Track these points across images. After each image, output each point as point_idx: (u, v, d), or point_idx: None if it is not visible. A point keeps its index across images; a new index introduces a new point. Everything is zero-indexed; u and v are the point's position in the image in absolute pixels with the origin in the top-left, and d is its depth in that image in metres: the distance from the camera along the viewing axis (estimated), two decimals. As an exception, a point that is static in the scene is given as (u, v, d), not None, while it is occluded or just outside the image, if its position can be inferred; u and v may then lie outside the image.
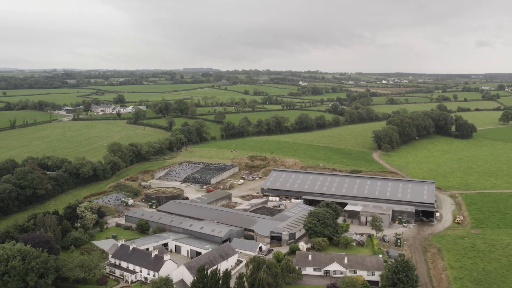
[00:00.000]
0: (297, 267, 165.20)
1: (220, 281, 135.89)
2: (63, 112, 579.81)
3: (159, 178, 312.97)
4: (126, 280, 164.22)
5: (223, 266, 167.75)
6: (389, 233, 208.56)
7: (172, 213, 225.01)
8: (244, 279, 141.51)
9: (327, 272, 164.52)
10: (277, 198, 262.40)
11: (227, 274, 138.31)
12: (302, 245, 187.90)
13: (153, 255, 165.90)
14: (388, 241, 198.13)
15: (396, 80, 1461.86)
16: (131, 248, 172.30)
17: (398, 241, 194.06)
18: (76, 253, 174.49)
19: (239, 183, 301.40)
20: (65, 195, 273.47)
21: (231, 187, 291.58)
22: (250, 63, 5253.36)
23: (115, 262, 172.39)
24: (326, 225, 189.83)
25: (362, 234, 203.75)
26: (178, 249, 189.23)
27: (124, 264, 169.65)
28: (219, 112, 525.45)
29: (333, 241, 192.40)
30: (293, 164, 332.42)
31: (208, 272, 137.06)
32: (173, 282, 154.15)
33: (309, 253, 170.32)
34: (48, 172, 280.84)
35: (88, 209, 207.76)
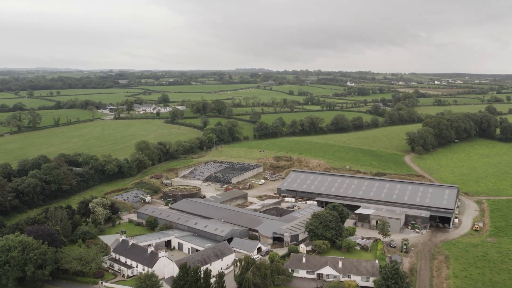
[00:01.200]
0: (289, 269, 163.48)
1: (201, 279, 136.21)
2: (106, 111, 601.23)
3: (183, 177, 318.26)
4: (123, 274, 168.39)
5: (217, 265, 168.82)
6: (398, 238, 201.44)
7: (183, 211, 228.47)
8: (224, 279, 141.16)
9: (320, 275, 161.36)
10: (293, 199, 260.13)
11: (208, 273, 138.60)
12: (302, 247, 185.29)
13: (149, 251, 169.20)
14: (395, 247, 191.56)
15: (450, 81, 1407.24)
16: (130, 243, 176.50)
17: (405, 247, 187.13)
18: (82, 247, 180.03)
19: (260, 183, 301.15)
20: (90, 190, 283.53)
21: (251, 187, 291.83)
22: (302, 63, 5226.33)
23: (115, 257, 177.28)
24: (328, 227, 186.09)
25: (369, 238, 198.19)
26: (180, 247, 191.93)
27: (123, 259, 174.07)
28: (255, 112, 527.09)
29: (335, 245, 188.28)
30: (317, 165, 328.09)
31: (190, 269, 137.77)
32: (165, 278, 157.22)
33: (303, 255, 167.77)
34: (75, 169, 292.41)
35: (99, 205, 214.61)
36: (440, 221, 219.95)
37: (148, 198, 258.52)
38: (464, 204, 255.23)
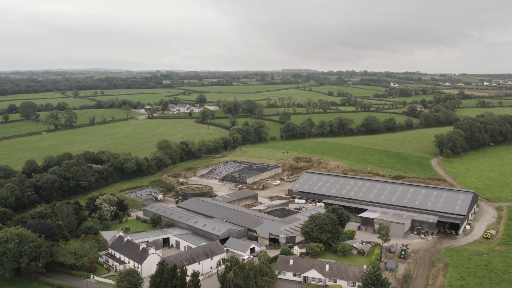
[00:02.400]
0: (276, 271, 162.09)
1: (177, 277, 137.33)
2: (142, 111, 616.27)
3: (201, 176, 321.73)
4: (116, 269, 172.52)
5: (206, 263, 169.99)
6: (401, 243, 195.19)
7: (188, 210, 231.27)
8: (200, 277, 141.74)
9: (305, 278, 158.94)
10: (303, 201, 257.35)
11: (183, 271, 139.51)
12: (296, 249, 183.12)
13: (140, 248, 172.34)
14: (394, 252, 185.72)
15: (500, 82, 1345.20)
16: (125, 240, 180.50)
17: (403, 252, 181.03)
18: (77, 242, 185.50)
19: (275, 184, 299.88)
20: (109, 187, 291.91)
21: (265, 187, 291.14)
22: (349, 64, 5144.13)
23: (111, 252, 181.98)
24: (324, 230, 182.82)
25: (369, 243, 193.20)
26: (177, 244, 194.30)
27: (117, 255, 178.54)
28: (284, 113, 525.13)
29: (332, 248, 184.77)
30: (335, 167, 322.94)
31: (167, 267, 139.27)
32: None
33: (290, 257, 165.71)
34: (95, 166, 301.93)
35: (106, 202, 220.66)
36: (450, 227, 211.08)
37: (160, 196, 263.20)
38: (482, 210, 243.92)
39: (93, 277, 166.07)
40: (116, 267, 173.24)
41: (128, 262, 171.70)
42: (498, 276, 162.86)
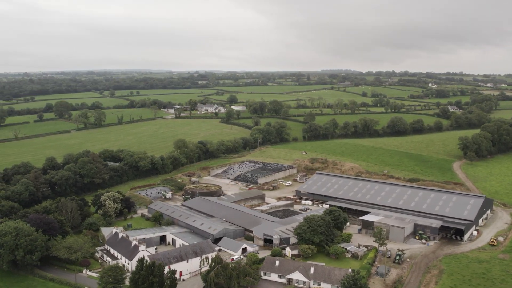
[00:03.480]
0: (261, 272, 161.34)
1: (153, 273, 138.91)
2: (171, 111, 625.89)
3: (215, 175, 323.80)
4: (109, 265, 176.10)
5: (195, 262, 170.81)
6: (400, 247, 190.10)
7: (192, 208, 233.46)
8: (187, 275, 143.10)
9: (290, 280, 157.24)
10: (310, 202, 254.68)
11: (160, 268, 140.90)
12: (288, 251, 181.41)
13: (132, 244, 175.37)
14: (390, 257, 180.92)
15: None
16: (120, 236, 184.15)
17: (398, 257, 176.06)
18: (73, 237, 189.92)
19: (287, 184, 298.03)
20: (123, 185, 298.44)
21: (276, 188, 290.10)
22: (390, 64, 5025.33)
23: (107, 248, 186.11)
24: (317, 232, 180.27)
25: (366, 246, 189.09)
26: (174, 242, 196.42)
27: (112, 251, 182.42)
28: (309, 114, 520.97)
29: (325, 250, 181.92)
30: (349, 168, 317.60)
31: (146, 264, 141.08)
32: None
33: (276, 259, 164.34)
34: (110, 163, 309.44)
35: (110, 199, 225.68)
36: (455, 233, 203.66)
37: (168, 195, 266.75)
38: (496, 216, 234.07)
39: (86, 271, 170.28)
40: (109, 262, 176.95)
41: (120, 258, 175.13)
42: (494, 285, 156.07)
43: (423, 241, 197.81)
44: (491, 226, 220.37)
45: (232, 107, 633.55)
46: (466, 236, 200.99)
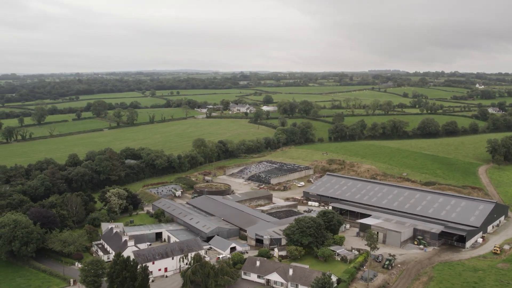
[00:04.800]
0: (242, 272, 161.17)
1: (126, 268, 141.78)
2: (204, 110, 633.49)
3: (231, 175, 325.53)
4: (101, 258, 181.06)
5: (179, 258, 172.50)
6: (397, 252, 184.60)
7: (195, 207, 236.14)
8: (170, 272, 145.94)
9: (268, 281, 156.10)
10: (316, 204, 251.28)
11: (135, 264, 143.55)
12: (276, 252, 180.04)
13: (123, 240, 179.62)
14: (381, 261, 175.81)
15: None
16: (114, 232, 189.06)
17: (387, 262, 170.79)
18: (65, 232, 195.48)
19: (299, 185, 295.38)
20: (139, 182, 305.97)
21: (287, 188, 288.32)
22: (440, 64, 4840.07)
23: (102, 242, 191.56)
24: (306, 234, 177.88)
25: (359, 250, 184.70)
26: (168, 239, 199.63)
27: (106, 245, 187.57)
28: (337, 114, 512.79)
29: (314, 252, 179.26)
30: (365, 170, 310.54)
31: (120, 259, 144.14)
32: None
33: (257, 259, 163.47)
34: (128, 161, 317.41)
35: (115, 195, 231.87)
36: (459, 239, 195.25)
37: (178, 193, 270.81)
38: (510, 223, 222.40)
39: (77, 264, 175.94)
40: (101, 256, 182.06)
41: (111, 253, 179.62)
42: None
43: (421, 246, 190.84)
44: (501, 233, 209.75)
45: (264, 107, 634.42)
46: (468, 243, 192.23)
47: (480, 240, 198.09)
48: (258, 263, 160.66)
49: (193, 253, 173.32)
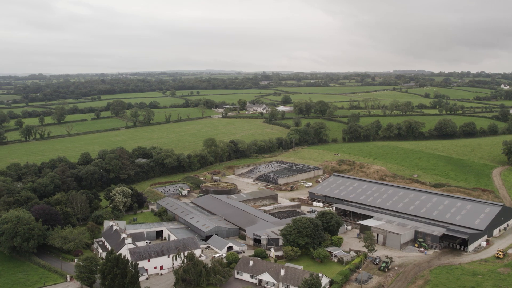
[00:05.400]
0: (235, 272, 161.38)
1: (117, 265, 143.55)
2: (221, 110, 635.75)
3: (240, 175, 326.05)
4: (100, 255, 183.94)
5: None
6: (396, 254, 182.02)
7: (198, 206, 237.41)
8: (164, 270, 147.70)
9: (260, 281, 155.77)
10: (321, 204, 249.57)
11: (125, 261, 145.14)
12: (272, 252, 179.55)
13: (121, 237, 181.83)
14: (378, 264, 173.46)
15: None
16: (113, 229, 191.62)
17: (384, 264, 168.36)
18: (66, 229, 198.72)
19: (306, 185, 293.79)
20: (149, 181, 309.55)
21: (294, 188, 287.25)
22: (467, 64, 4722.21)
23: (102, 239, 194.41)
24: (302, 234, 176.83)
25: (357, 252, 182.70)
26: (168, 237, 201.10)
27: (105, 242, 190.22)
28: (352, 115, 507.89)
29: (311, 253, 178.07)
30: (375, 171, 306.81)
31: (112, 256, 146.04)
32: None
33: (250, 259, 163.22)
34: (140, 160, 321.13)
35: (120, 193, 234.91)
36: (462, 242, 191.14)
37: (184, 192, 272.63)
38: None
39: (76, 261, 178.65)
40: (100, 253, 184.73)
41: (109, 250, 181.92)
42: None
43: (421, 249, 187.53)
44: (507, 237, 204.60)
45: (280, 107, 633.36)
46: (471, 247, 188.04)
47: (484, 243, 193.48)
48: (251, 263, 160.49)
49: (186, 252, 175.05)
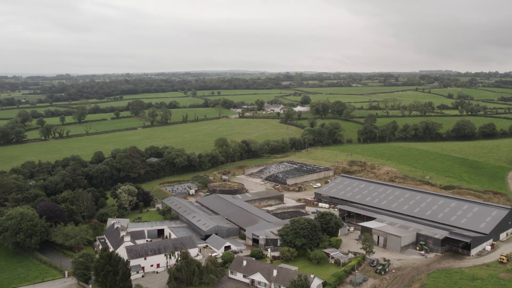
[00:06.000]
0: (229, 271, 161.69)
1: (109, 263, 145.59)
2: (239, 110, 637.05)
3: (249, 174, 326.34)
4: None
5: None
6: (396, 257, 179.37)
7: (203, 205, 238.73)
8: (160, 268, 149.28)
9: (252, 281, 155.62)
10: (326, 205, 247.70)
11: (117, 259, 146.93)
12: (269, 252, 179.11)
13: (120, 235, 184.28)
14: (375, 266, 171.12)
15: None
16: (114, 227, 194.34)
17: (380, 267, 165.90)
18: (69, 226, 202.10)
19: (315, 186, 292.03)
20: (159, 180, 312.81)
21: (301, 189, 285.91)
22: (496, 64, 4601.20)
23: (103, 237, 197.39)
24: (299, 235, 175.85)
25: (356, 253, 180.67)
26: (170, 236, 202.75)
27: (107, 240, 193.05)
28: (369, 115, 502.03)
29: (308, 254, 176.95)
30: (385, 173, 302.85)
31: (105, 253, 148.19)
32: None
33: (244, 258, 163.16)
34: (151, 159, 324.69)
35: (125, 192, 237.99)
36: (465, 246, 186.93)
37: (192, 191, 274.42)
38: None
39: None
40: (101, 250, 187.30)
41: (110, 247, 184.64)
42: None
43: (422, 252, 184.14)
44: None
45: (298, 107, 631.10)
46: (474, 250, 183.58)
47: (488, 247, 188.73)
48: (244, 262, 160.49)
49: (188, 250, 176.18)
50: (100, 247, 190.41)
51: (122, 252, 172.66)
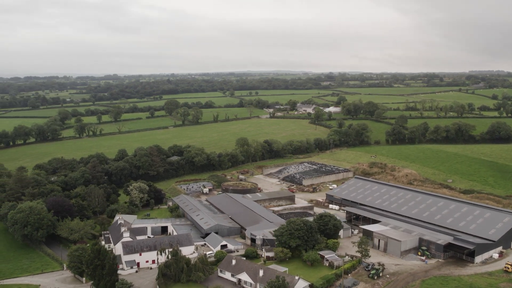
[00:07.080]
0: (219, 270, 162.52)
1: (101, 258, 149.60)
2: (271, 110, 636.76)
3: (268, 174, 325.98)
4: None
5: (167, 252, 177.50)
6: (395, 262, 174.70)
7: (211, 204, 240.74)
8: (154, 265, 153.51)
9: (239, 280, 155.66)
10: (337, 207, 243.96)
11: (105, 253, 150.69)
12: (263, 252, 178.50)
13: (121, 231, 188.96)
14: (369, 270, 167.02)
15: None
16: (118, 223, 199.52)
17: (373, 271, 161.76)
18: (74, 221, 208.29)
19: (331, 187, 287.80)
20: (178, 178, 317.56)
21: (316, 190, 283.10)
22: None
23: (108, 232, 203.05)
24: (294, 236, 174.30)
25: (352, 257, 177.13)
26: (172, 233, 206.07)
27: (110, 235, 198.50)
28: (400, 116, 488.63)
29: (302, 256, 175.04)
30: (404, 175, 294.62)
31: (94, 248, 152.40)
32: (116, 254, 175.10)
33: (233, 258, 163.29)
34: (172, 158, 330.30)
35: (137, 189, 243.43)
36: (469, 252, 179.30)
37: (206, 190, 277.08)
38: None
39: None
40: (103, 245, 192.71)
41: (111, 242, 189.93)
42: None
43: (423, 257, 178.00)
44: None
45: (331, 107, 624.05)
46: (479, 258, 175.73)
47: (496, 255, 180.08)
48: (233, 262, 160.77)
49: (184, 247, 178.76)
50: (103, 242, 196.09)
51: (119, 247, 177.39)
